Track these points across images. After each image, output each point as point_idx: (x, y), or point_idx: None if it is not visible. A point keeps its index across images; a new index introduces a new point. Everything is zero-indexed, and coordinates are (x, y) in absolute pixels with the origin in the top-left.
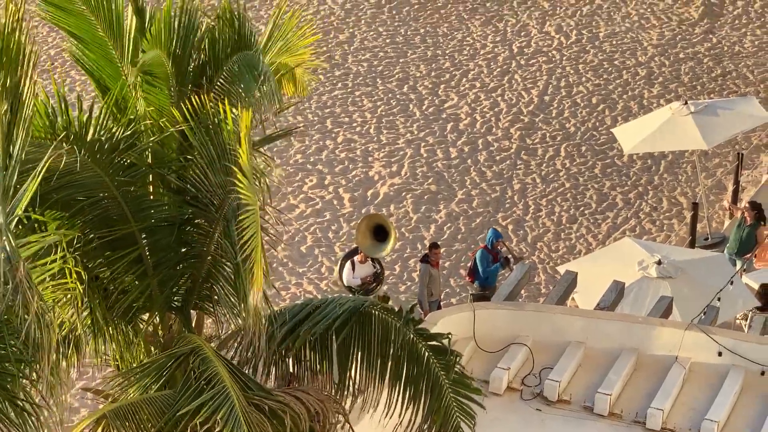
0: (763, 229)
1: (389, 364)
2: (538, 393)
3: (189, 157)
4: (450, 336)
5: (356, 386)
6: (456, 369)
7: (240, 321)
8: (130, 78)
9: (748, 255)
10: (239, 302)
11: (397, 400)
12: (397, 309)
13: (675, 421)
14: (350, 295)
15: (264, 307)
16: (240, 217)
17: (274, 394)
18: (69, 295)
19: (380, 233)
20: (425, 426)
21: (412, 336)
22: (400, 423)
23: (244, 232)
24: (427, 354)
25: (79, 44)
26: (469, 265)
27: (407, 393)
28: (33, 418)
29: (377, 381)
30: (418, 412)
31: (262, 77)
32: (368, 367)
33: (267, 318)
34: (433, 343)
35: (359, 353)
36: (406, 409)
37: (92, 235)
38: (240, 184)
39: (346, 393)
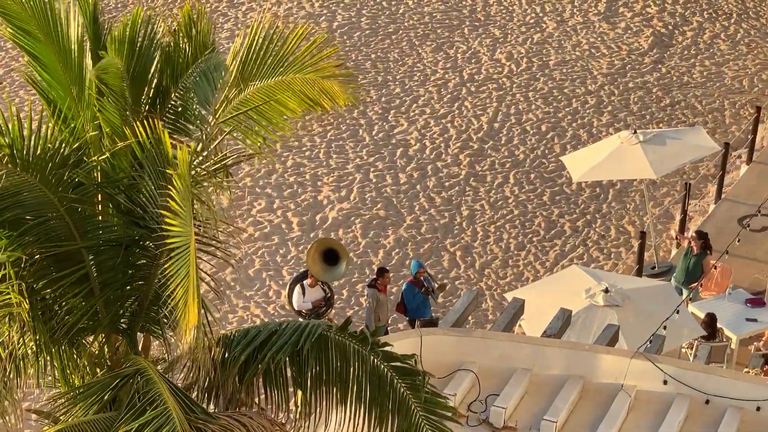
0: (709, 259)
1: (350, 386)
2: (484, 419)
3: (136, 178)
4: (416, 357)
5: (311, 409)
6: (426, 389)
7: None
8: (87, 79)
9: (695, 284)
10: (178, 338)
11: (362, 422)
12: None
13: None
14: (301, 320)
15: (206, 338)
16: (172, 259)
17: (217, 418)
18: (12, 314)
19: (331, 257)
20: None
21: (372, 358)
22: None
23: (176, 275)
24: (390, 375)
25: (34, 63)
26: (399, 299)
27: (373, 414)
28: None
29: (337, 404)
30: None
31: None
32: (327, 391)
33: (214, 343)
34: (398, 364)
35: (317, 377)
36: (374, 430)
37: (38, 255)
38: (172, 224)
39: (297, 416)
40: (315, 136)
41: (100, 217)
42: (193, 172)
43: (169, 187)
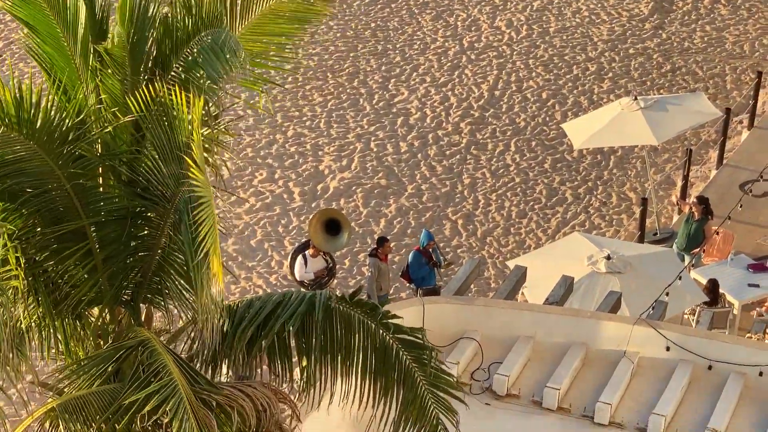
0: (710, 224)
1: (355, 357)
2: (487, 387)
3: (139, 148)
4: (424, 330)
5: (315, 380)
6: (433, 364)
7: (193, 314)
8: (92, 54)
9: (697, 250)
10: (196, 295)
11: (367, 393)
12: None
13: (623, 415)
14: (303, 290)
15: (218, 301)
16: (195, 212)
17: (221, 389)
18: (15, 286)
19: (333, 227)
20: (402, 418)
21: (378, 329)
22: (374, 415)
23: (201, 227)
24: (396, 346)
25: (33, 35)
26: (404, 267)
27: (378, 385)
28: None
29: (341, 375)
30: (391, 404)
31: (230, 52)
32: (331, 360)
33: (222, 311)
34: (405, 336)
35: (321, 347)
36: (379, 401)
37: (39, 227)
38: (194, 177)
39: (301, 387)
40: (315, 106)
41: (101, 189)
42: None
43: (191, 140)
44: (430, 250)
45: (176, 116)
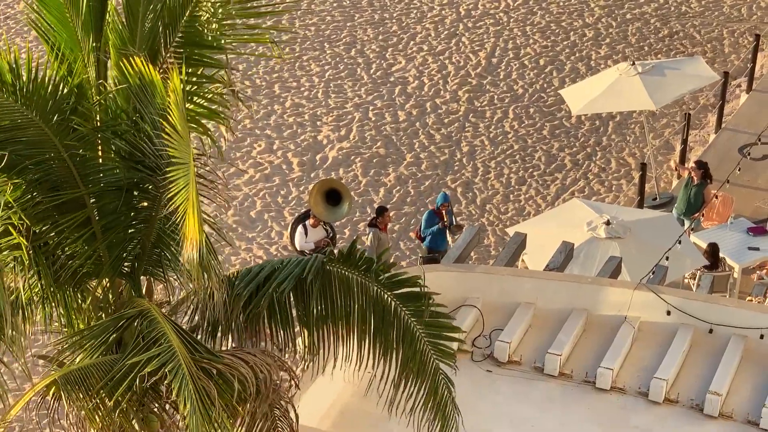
0: (710, 188)
1: (354, 320)
2: (488, 354)
3: (137, 120)
4: (421, 279)
5: (317, 348)
6: (431, 310)
7: (187, 282)
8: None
9: (696, 214)
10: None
11: (367, 355)
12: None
13: (624, 380)
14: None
15: (216, 264)
16: (169, 170)
17: (221, 357)
18: (15, 257)
19: (333, 197)
20: (403, 375)
21: (376, 288)
22: (374, 375)
23: (173, 185)
24: (394, 303)
25: (38, 3)
26: (419, 226)
27: (377, 347)
28: None
29: (342, 340)
30: (391, 362)
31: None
32: (333, 323)
33: (219, 274)
34: (403, 290)
35: (321, 313)
36: (379, 361)
37: (39, 198)
38: (169, 139)
39: (304, 353)
40: (313, 76)
41: (100, 160)
42: (190, 105)
43: (167, 105)
44: (444, 211)
45: (154, 86)
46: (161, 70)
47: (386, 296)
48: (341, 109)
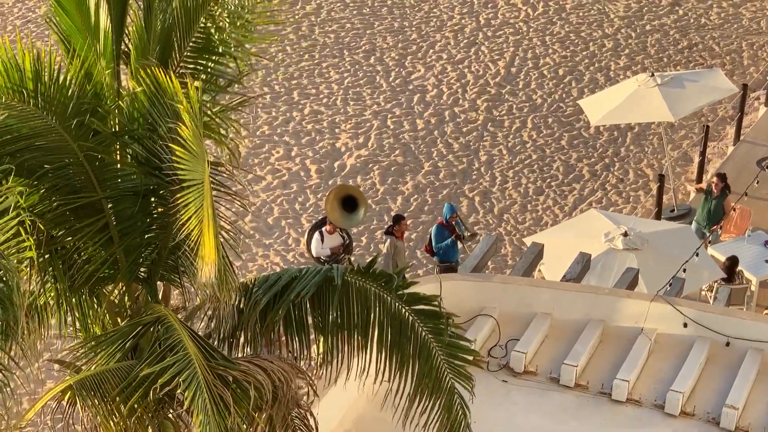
0: (729, 200)
1: (371, 331)
2: (504, 364)
3: (152, 125)
4: (440, 299)
5: (333, 356)
6: (450, 332)
7: (202, 294)
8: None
9: (716, 226)
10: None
11: (383, 367)
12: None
13: (640, 392)
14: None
15: (231, 279)
16: (180, 195)
17: (237, 364)
18: (33, 261)
19: (349, 204)
20: (418, 390)
21: (394, 302)
22: (390, 389)
23: (185, 210)
24: (411, 318)
25: (57, 7)
26: (427, 240)
27: (394, 359)
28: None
29: (358, 350)
30: (407, 377)
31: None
32: (347, 337)
33: (236, 290)
34: (421, 307)
35: (337, 323)
36: (395, 375)
37: (57, 203)
38: (181, 160)
39: (320, 362)
40: (332, 83)
41: (118, 165)
42: (206, 118)
43: (178, 123)
44: (453, 222)
45: (176, 100)
46: (177, 76)
47: (404, 311)
48: (360, 116)
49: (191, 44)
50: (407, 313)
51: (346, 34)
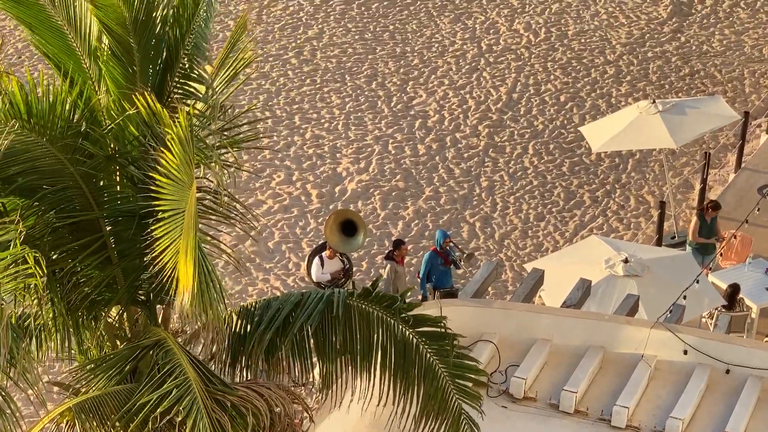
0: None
1: (374, 355)
2: (504, 390)
3: (146, 147)
4: (445, 320)
5: (334, 379)
6: (456, 352)
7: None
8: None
9: (712, 240)
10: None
11: (387, 391)
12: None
13: (640, 418)
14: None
15: (222, 308)
16: (156, 226)
17: (236, 389)
18: (30, 285)
19: (349, 228)
20: (424, 413)
21: (397, 325)
22: (395, 412)
23: (159, 243)
24: (415, 341)
25: (37, 35)
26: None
27: (398, 383)
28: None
29: (361, 373)
30: (412, 400)
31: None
32: (350, 360)
33: (224, 319)
34: (425, 329)
35: (340, 347)
36: (400, 398)
37: (55, 224)
38: (162, 188)
39: (319, 387)
40: (333, 108)
41: (118, 188)
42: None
43: (163, 150)
44: (447, 248)
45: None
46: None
47: (408, 333)
48: (361, 141)
49: (179, 71)
50: (411, 335)
51: (348, 59)
